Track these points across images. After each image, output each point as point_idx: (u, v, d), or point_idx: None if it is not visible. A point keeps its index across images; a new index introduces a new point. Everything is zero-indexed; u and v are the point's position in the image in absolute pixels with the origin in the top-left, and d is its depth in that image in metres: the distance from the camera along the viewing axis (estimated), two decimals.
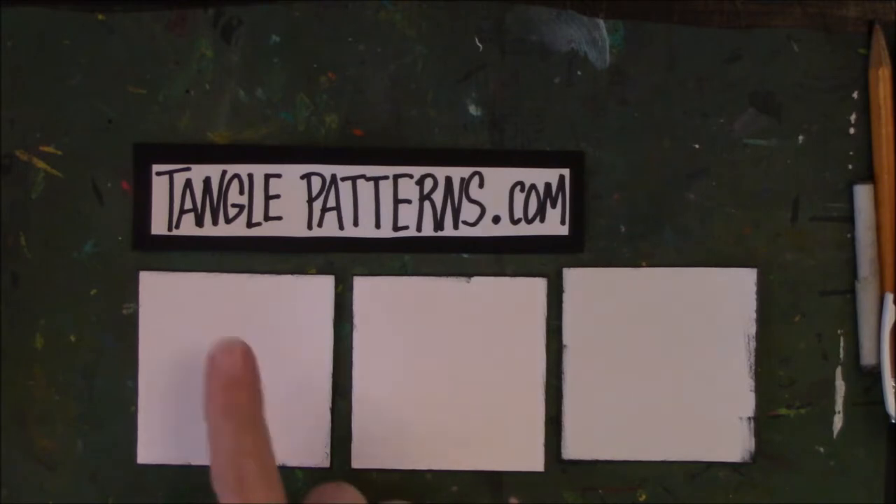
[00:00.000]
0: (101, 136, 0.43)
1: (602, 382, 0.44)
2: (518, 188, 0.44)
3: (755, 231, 0.44)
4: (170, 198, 0.43)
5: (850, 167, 0.44)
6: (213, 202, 0.43)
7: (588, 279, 0.44)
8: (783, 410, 0.44)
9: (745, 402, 0.44)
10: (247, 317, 0.43)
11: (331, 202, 0.43)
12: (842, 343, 0.44)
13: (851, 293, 0.44)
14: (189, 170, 0.43)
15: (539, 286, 0.44)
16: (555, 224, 0.44)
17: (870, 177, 0.44)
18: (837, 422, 0.44)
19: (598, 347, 0.44)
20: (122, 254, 0.43)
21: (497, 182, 0.44)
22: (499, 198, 0.44)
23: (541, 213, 0.44)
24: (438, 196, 0.44)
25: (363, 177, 0.43)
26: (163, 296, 0.43)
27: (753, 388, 0.44)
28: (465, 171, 0.44)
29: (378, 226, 0.44)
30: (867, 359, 0.44)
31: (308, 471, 0.44)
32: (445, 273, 0.44)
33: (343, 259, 0.44)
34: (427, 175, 0.44)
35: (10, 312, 0.43)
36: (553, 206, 0.44)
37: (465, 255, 0.44)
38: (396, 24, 0.44)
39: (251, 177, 0.43)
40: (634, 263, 0.44)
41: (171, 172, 0.43)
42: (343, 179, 0.43)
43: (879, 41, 0.44)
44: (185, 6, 0.43)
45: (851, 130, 0.44)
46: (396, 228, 0.44)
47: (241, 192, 0.43)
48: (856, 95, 0.44)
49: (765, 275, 0.44)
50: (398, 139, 0.44)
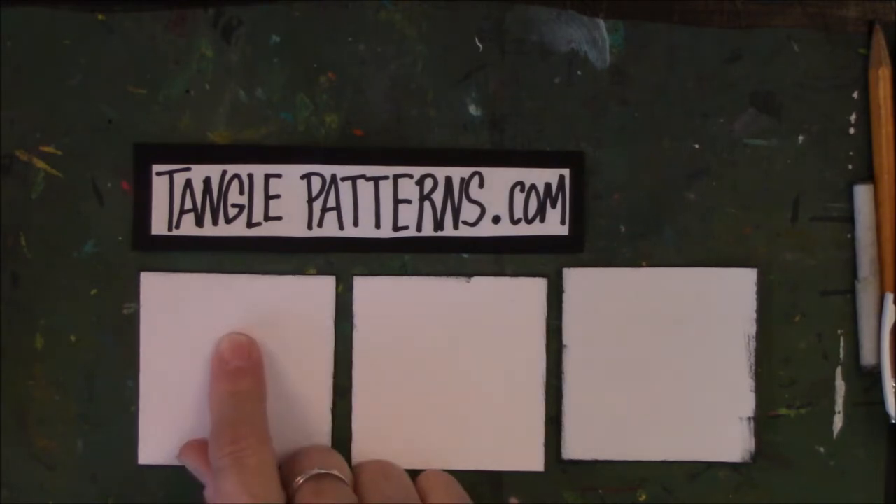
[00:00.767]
0: (101, 136, 0.43)
1: (602, 382, 0.44)
2: (518, 188, 0.44)
3: (755, 231, 0.44)
4: (170, 198, 0.43)
5: (850, 167, 0.44)
6: (213, 202, 0.43)
7: (588, 279, 0.44)
8: (783, 410, 0.44)
9: (745, 402, 0.44)
10: (247, 317, 0.43)
11: (331, 202, 0.43)
12: (842, 343, 0.44)
13: (851, 293, 0.44)
14: (189, 170, 0.43)
15: (539, 286, 0.44)
16: (555, 224, 0.44)
17: (870, 177, 0.44)
18: (837, 422, 0.44)
19: (598, 347, 0.44)
20: (122, 254, 0.43)
21: (497, 182, 0.44)
22: (499, 198, 0.44)
23: (541, 213, 0.44)
24: (438, 196, 0.44)
25: (363, 177, 0.43)
26: (163, 296, 0.43)
27: (753, 388, 0.44)
28: (465, 171, 0.44)
29: (378, 226, 0.44)
30: (867, 359, 0.44)
31: None
32: (445, 273, 0.44)
33: (343, 259, 0.44)
34: (427, 175, 0.44)
35: (10, 312, 0.43)
36: (553, 206, 0.44)
37: (465, 255, 0.44)
38: (396, 24, 0.44)
39: (251, 177, 0.43)
40: (634, 263, 0.44)
41: (171, 172, 0.43)
42: (343, 179, 0.43)
43: (879, 41, 0.44)
44: (185, 6, 0.43)
45: (851, 130, 0.44)
46: (396, 228, 0.44)
47: (241, 192, 0.43)
48: (856, 95, 0.44)
49: (765, 275, 0.44)
50: (398, 139, 0.44)
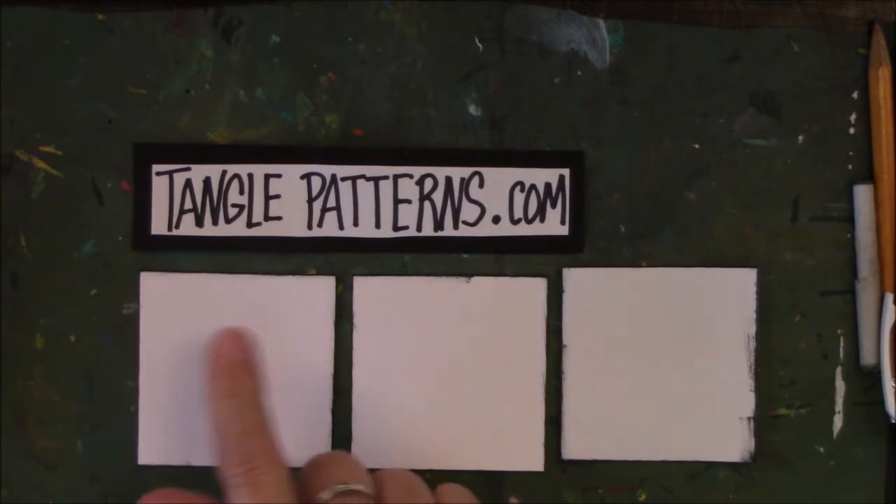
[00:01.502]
0: (101, 136, 0.43)
1: (602, 382, 0.44)
2: (518, 188, 0.44)
3: (755, 231, 0.44)
4: (170, 198, 0.43)
5: (850, 167, 0.44)
6: (213, 202, 0.43)
7: (588, 279, 0.44)
8: (783, 410, 0.44)
9: (745, 402, 0.44)
10: (247, 317, 0.43)
11: (331, 202, 0.43)
12: (842, 343, 0.44)
13: (851, 293, 0.44)
14: (189, 170, 0.43)
15: (539, 286, 0.44)
16: (555, 224, 0.44)
17: (870, 177, 0.44)
18: (837, 422, 0.44)
19: (598, 347, 0.44)
20: (122, 254, 0.43)
21: (497, 182, 0.44)
22: (499, 198, 0.44)
23: (541, 213, 0.44)
24: (438, 196, 0.44)
25: (363, 177, 0.43)
26: (163, 296, 0.43)
27: (753, 388, 0.44)
28: (465, 171, 0.44)
29: (378, 226, 0.44)
30: (867, 359, 0.44)
31: None
32: (445, 273, 0.44)
33: (343, 259, 0.44)
34: (427, 175, 0.44)
35: (10, 312, 0.43)
36: (553, 206, 0.44)
37: (465, 255, 0.44)
38: (396, 24, 0.44)
39: (251, 177, 0.43)
40: (634, 263, 0.44)
41: (171, 172, 0.43)
42: (343, 179, 0.43)
43: (879, 41, 0.44)
44: (185, 6, 0.43)
45: (851, 130, 0.44)
46: (396, 228, 0.44)
47: (241, 192, 0.43)
48: (856, 95, 0.44)
49: (765, 275, 0.44)
50: (398, 139, 0.44)
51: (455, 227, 0.44)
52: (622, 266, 0.44)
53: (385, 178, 0.44)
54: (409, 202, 0.44)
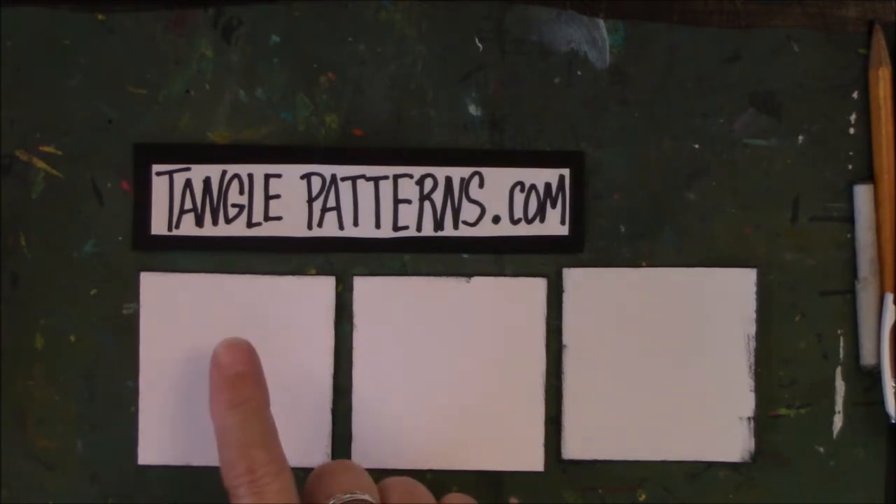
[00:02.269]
0: (101, 136, 0.43)
1: (602, 382, 0.44)
2: (518, 188, 0.44)
3: (755, 231, 0.44)
4: (170, 198, 0.43)
5: (850, 167, 0.44)
6: (213, 202, 0.43)
7: (588, 279, 0.44)
8: (783, 410, 0.44)
9: (745, 402, 0.44)
10: (247, 317, 0.43)
11: (331, 202, 0.43)
12: (842, 343, 0.44)
13: (851, 293, 0.44)
14: (189, 170, 0.43)
15: (539, 286, 0.44)
16: (555, 224, 0.44)
17: (870, 177, 0.44)
18: (837, 422, 0.44)
19: (598, 347, 0.44)
20: (122, 254, 0.43)
21: (497, 182, 0.44)
22: (499, 198, 0.44)
23: (541, 213, 0.44)
24: (438, 196, 0.44)
25: (363, 177, 0.43)
26: (163, 296, 0.43)
27: (753, 388, 0.44)
28: (465, 171, 0.44)
29: (378, 226, 0.44)
30: (867, 359, 0.44)
31: (309, 471, 0.43)
32: (445, 273, 0.44)
33: (343, 259, 0.44)
34: (427, 175, 0.44)
35: (10, 312, 0.43)
36: (553, 206, 0.44)
37: (465, 255, 0.44)
38: (396, 24, 0.44)
39: (251, 177, 0.43)
40: (634, 263, 0.44)
41: (171, 172, 0.43)
42: (343, 179, 0.43)
43: (879, 41, 0.44)
44: (185, 6, 0.43)
45: (851, 130, 0.44)
46: (396, 228, 0.44)
47: (241, 192, 0.43)
48: (856, 95, 0.44)
49: (765, 275, 0.44)
50: (398, 139, 0.44)
51: (455, 227, 0.44)
52: (622, 266, 0.44)
53: (385, 178, 0.44)
54: (409, 202, 0.44)
